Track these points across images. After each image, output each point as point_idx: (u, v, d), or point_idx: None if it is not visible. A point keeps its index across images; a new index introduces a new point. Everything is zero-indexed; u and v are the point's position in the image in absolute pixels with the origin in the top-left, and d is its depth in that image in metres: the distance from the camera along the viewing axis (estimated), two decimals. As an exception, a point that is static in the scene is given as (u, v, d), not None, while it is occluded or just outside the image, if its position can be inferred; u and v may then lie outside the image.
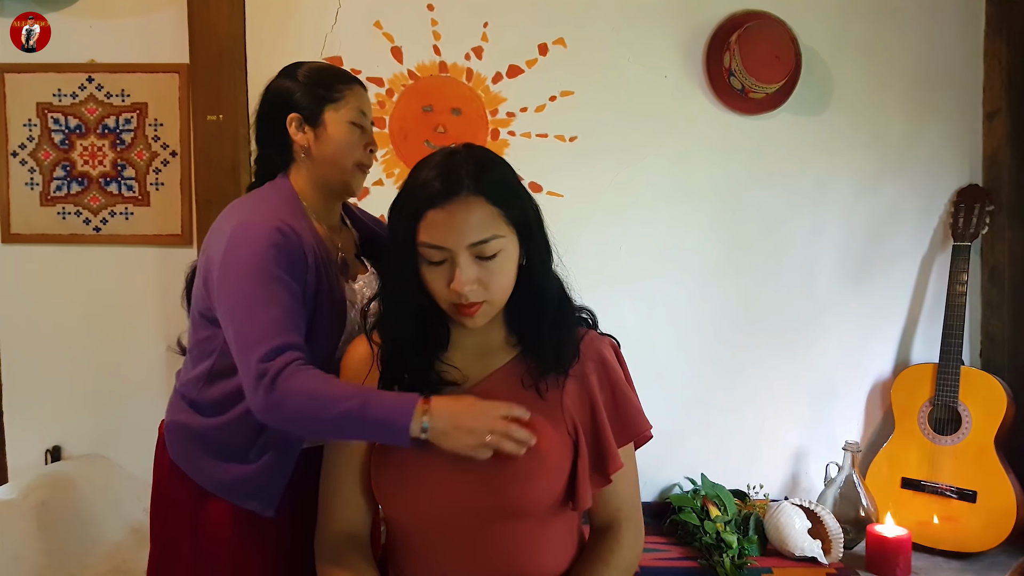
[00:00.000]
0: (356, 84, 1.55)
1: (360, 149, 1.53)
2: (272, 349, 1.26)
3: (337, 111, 1.50)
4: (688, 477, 2.30)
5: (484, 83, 2.25)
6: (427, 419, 1.17)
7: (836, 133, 2.31)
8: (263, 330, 1.28)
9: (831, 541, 1.99)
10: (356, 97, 1.53)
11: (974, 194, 2.27)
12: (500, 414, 1.17)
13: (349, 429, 1.24)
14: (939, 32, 2.31)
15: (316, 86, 1.51)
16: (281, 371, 1.24)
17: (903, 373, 2.28)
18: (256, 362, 1.25)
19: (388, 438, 1.21)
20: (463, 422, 1.17)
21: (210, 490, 1.44)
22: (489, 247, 1.16)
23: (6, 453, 2.29)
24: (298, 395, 1.23)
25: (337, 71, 1.57)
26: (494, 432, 1.16)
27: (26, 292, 2.27)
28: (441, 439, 1.17)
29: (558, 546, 1.27)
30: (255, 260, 1.33)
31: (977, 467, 2.13)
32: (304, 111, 1.50)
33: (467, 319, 1.20)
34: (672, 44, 2.27)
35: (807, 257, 2.34)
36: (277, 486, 1.43)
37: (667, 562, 1.98)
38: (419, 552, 1.25)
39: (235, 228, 1.37)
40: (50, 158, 2.25)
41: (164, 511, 1.51)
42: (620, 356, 1.32)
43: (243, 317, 1.31)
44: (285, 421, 1.29)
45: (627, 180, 2.29)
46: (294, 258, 1.36)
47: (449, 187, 1.15)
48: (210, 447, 1.44)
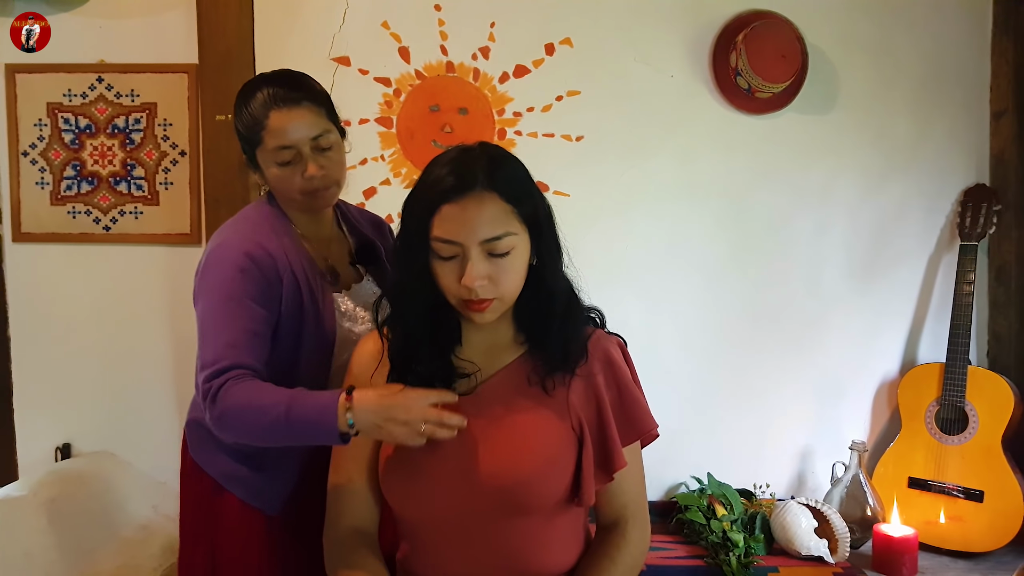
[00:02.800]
0: (276, 110, 1.45)
1: (297, 180, 1.48)
2: (219, 369, 1.31)
3: (264, 153, 1.49)
4: (694, 476, 2.30)
5: (491, 83, 2.26)
6: (351, 415, 1.20)
7: (842, 132, 2.31)
8: (217, 351, 1.34)
9: (837, 540, 1.99)
10: (275, 131, 1.45)
11: (981, 193, 2.27)
12: (430, 402, 1.19)
13: (285, 435, 1.28)
14: (946, 31, 2.30)
15: (245, 131, 1.50)
16: (222, 387, 1.30)
17: (910, 373, 2.28)
18: (203, 382, 1.32)
19: (320, 439, 1.25)
20: (393, 413, 1.18)
21: (222, 484, 1.50)
22: (501, 244, 1.17)
23: (16, 450, 2.31)
24: (234, 408, 1.29)
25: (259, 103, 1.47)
26: (428, 420, 1.17)
27: (36, 291, 2.29)
28: (374, 432, 1.21)
29: (564, 543, 1.28)
30: (222, 284, 1.39)
31: (984, 467, 2.12)
32: (245, 155, 1.53)
33: (476, 315, 1.20)
34: (678, 44, 2.27)
35: (813, 256, 2.34)
36: (281, 489, 1.51)
37: (673, 561, 1.98)
38: (426, 547, 1.26)
39: (212, 250, 1.44)
40: (60, 158, 2.26)
41: (187, 505, 1.58)
42: (627, 355, 1.33)
43: (204, 338, 1.37)
44: (231, 434, 1.34)
45: (633, 179, 2.29)
46: (263, 283, 1.40)
47: (463, 182, 1.16)
48: (222, 445, 1.48)
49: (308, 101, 1.48)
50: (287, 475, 1.50)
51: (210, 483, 1.52)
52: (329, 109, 1.54)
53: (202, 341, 1.37)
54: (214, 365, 1.32)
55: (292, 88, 1.49)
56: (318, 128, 1.48)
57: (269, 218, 1.52)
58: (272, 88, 1.47)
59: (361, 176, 2.26)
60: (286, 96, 1.46)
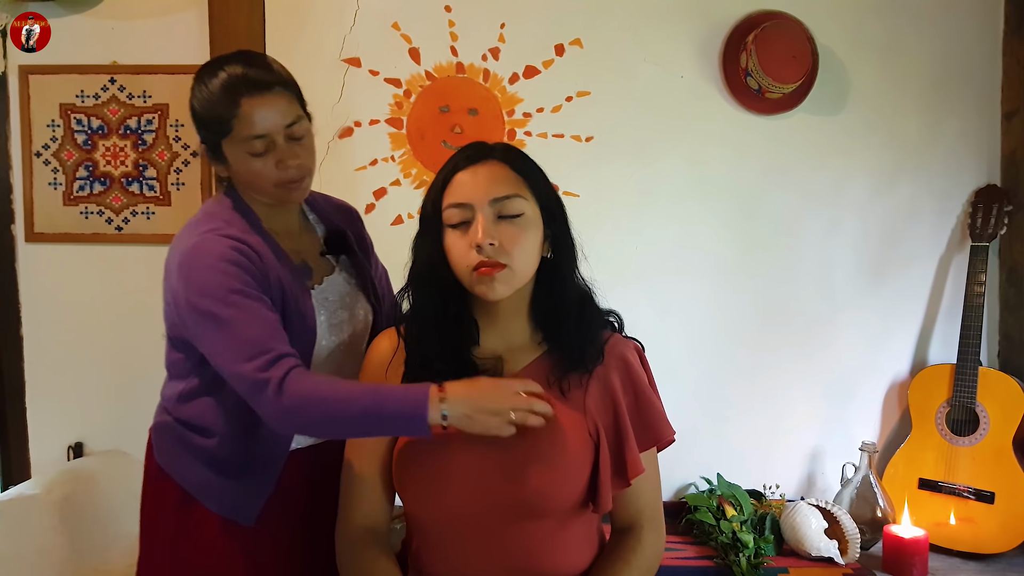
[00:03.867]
0: (247, 96, 1.34)
1: (271, 172, 1.38)
2: (267, 360, 1.23)
3: (233, 144, 1.37)
4: (704, 477, 2.30)
5: (501, 84, 2.26)
6: (445, 406, 1.16)
7: (852, 133, 2.30)
8: (251, 345, 1.24)
9: (847, 541, 1.98)
10: (248, 118, 1.34)
11: (992, 194, 2.26)
12: (517, 390, 1.18)
13: (369, 426, 1.23)
14: (957, 31, 2.29)
15: (206, 119, 1.38)
16: (284, 378, 1.22)
17: (920, 374, 2.28)
18: (254, 374, 1.22)
19: (408, 430, 1.21)
20: (484, 404, 1.16)
21: (193, 494, 1.41)
22: (511, 204, 1.20)
23: (29, 449, 2.32)
24: (311, 398, 1.22)
25: (225, 89, 1.35)
26: (517, 409, 1.15)
27: (49, 290, 2.30)
28: (464, 424, 1.16)
29: (578, 546, 1.28)
30: (220, 279, 1.28)
31: (995, 468, 2.12)
32: (206, 144, 1.41)
33: (486, 284, 1.20)
34: (688, 44, 2.27)
35: (823, 257, 2.33)
36: (258, 501, 1.41)
37: (683, 561, 1.98)
38: (439, 548, 1.26)
39: (189, 250, 1.32)
40: (73, 158, 2.27)
41: (150, 514, 1.49)
42: (644, 360, 1.33)
43: (225, 340, 1.27)
44: (303, 426, 1.28)
45: (643, 180, 2.29)
46: (257, 275, 1.32)
47: (477, 155, 1.23)
48: (193, 452, 1.42)
49: (279, 86, 1.37)
50: (265, 484, 1.41)
51: (177, 492, 1.42)
52: (298, 94, 1.43)
53: (222, 343, 1.27)
54: (264, 354, 1.23)
55: (263, 72, 1.37)
56: (291, 115, 1.38)
57: (236, 213, 1.41)
58: (241, 72, 1.35)
59: (371, 177, 2.26)
60: (257, 81, 1.35)
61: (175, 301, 1.35)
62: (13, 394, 2.31)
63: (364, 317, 1.53)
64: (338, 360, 1.48)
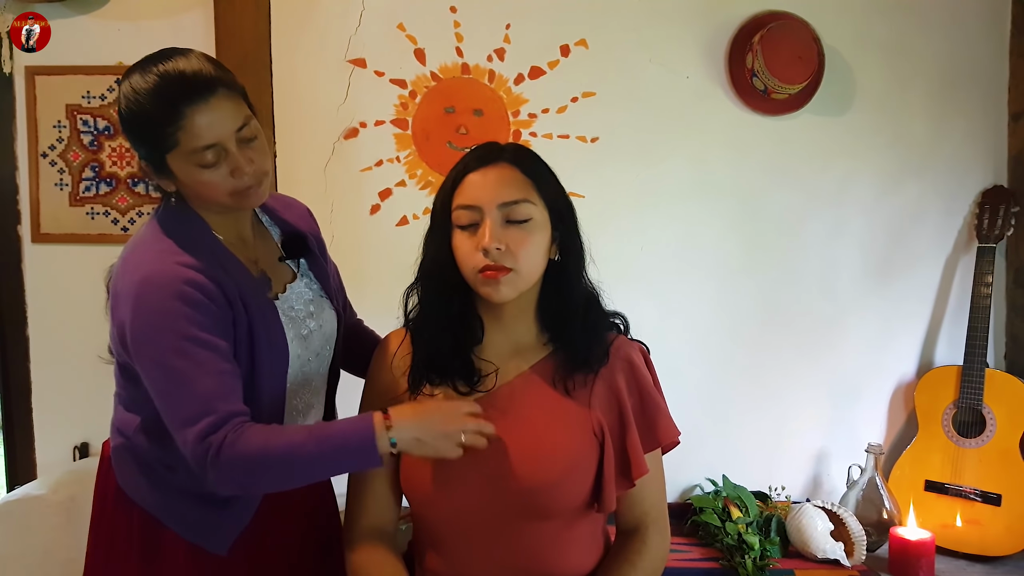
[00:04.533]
0: (191, 106, 1.19)
1: (225, 182, 1.25)
2: (210, 424, 1.15)
3: (179, 157, 1.23)
4: (709, 478, 2.29)
5: (506, 84, 2.26)
6: (392, 433, 1.15)
7: (858, 133, 2.30)
8: (196, 406, 1.16)
9: (853, 543, 1.98)
10: (194, 129, 1.20)
11: (998, 195, 2.25)
12: (465, 411, 1.19)
13: (320, 470, 1.20)
14: (963, 31, 2.29)
15: (146, 135, 1.23)
16: (222, 444, 1.14)
17: (927, 375, 2.27)
18: (195, 442, 1.15)
19: (359, 464, 1.19)
20: (434, 427, 1.16)
21: (161, 520, 1.32)
22: (519, 209, 1.20)
23: (35, 449, 2.33)
24: (252, 459, 1.15)
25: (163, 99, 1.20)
26: (466, 430, 1.16)
27: (55, 291, 2.30)
28: (414, 447, 1.16)
29: (584, 547, 1.28)
30: (171, 322, 1.17)
31: (1002, 470, 2.11)
32: (146, 161, 1.27)
33: (492, 286, 1.20)
34: (694, 45, 2.27)
35: (829, 258, 2.33)
36: (236, 526, 1.33)
37: (688, 563, 1.98)
38: (445, 549, 1.27)
39: (137, 285, 1.20)
40: (79, 159, 2.28)
41: (106, 540, 1.38)
42: (649, 362, 1.34)
43: (172, 394, 1.18)
44: (251, 487, 1.23)
45: (648, 180, 2.29)
46: (212, 311, 1.21)
47: (488, 156, 1.24)
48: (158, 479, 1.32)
49: (223, 87, 1.23)
50: (241, 515, 1.33)
51: (141, 516, 1.33)
52: (242, 91, 1.29)
53: (169, 395, 1.19)
54: (202, 420, 1.15)
55: (201, 74, 1.21)
56: (239, 117, 1.25)
57: (185, 230, 1.28)
58: (177, 76, 1.20)
59: (376, 178, 2.26)
60: (198, 85, 1.20)
61: (122, 333, 1.23)
62: (19, 394, 2.32)
63: (331, 322, 1.46)
64: (310, 370, 1.41)
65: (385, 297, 1.56)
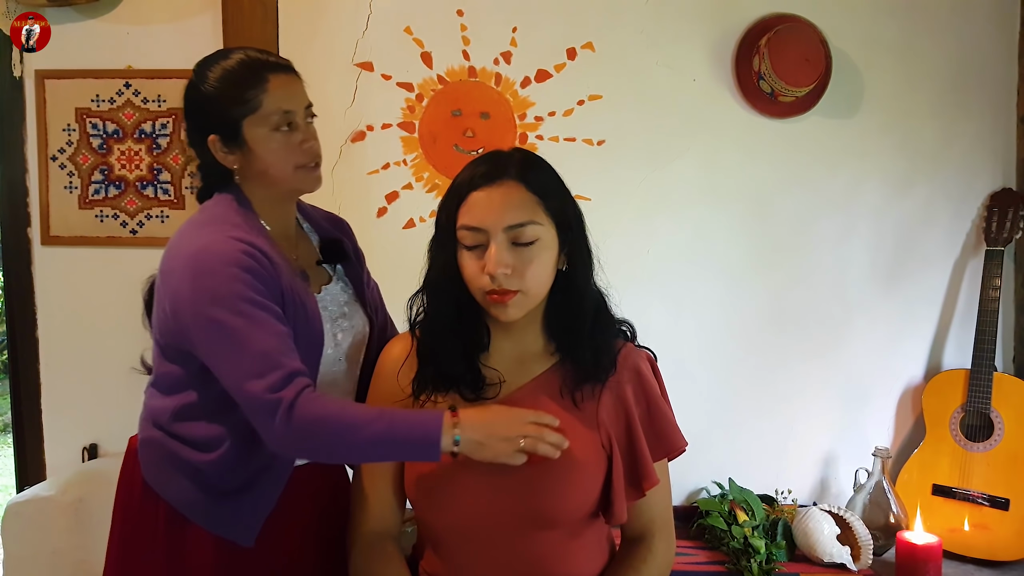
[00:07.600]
0: (273, 73, 1.34)
1: (295, 153, 1.36)
2: (279, 379, 1.19)
3: (256, 122, 1.33)
4: (715, 481, 2.29)
5: (513, 87, 2.27)
6: (458, 432, 1.15)
7: (866, 136, 2.29)
8: (261, 361, 1.20)
9: (860, 547, 1.97)
10: (276, 93, 1.34)
11: (1007, 198, 2.25)
12: (530, 419, 1.18)
13: (377, 452, 1.22)
14: (972, 33, 2.28)
15: (227, 100, 1.33)
16: (295, 400, 1.18)
17: (935, 379, 2.26)
18: (264, 394, 1.18)
19: (419, 455, 1.20)
20: (496, 431, 1.16)
21: (186, 515, 1.34)
22: (526, 232, 1.18)
23: (45, 450, 2.34)
24: (321, 423, 1.18)
25: (248, 67, 1.34)
26: (527, 436, 1.15)
27: (65, 293, 2.32)
28: (475, 450, 1.16)
29: (589, 554, 1.28)
30: (231, 286, 1.22)
31: (1010, 474, 2.10)
32: (221, 131, 1.35)
33: (499, 308, 1.20)
34: (701, 47, 2.27)
35: (837, 260, 2.32)
36: (258, 519, 1.34)
37: (694, 566, 1.98)
38: (449, 554, 1.26)
39: (196, 257, 1.26)
40: (88, 162, 2.29)
41: (132, 535, 1.39)
42: (656, 370, 1.33)
43: (234, 352, 1.21)
44: (310, 451, 1.25)
45: (655, 183, 2.29)
46: (268, 282, 1.26)
47: (493, 172, 1.20)
48: (187, 470, 1.33)
49: (294, 72, 1.40)
50: (267, 502, 1.35)
51: (166, 511, 1.34)
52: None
53: (231, 352, 1.22)
54: (270, 374, 1.18)
55: (277, 55, 1.41)
56: (307, 98, 1.41)
57: (241, 215, 1.35)
58: (258, 53, 1.37)
59: (383, 180, 2.27)
60: (279, 61, 1.38)
61: (176, 307, 1.27)
62: (29, 396, 2.33)
63: (362, 328, 1.49)
64: (339, 371, 1.44)
65: (392, 300, 1.58)
